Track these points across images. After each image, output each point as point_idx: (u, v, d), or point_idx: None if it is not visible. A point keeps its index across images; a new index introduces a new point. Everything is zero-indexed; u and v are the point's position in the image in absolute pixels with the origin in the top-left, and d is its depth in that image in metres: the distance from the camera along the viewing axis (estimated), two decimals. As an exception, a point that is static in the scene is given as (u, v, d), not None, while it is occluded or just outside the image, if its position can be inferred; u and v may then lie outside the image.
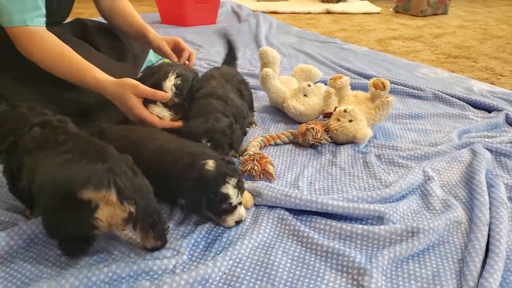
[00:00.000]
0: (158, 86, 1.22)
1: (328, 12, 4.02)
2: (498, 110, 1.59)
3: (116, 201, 0.75)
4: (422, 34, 3.11)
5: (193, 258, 0.89)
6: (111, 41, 1.77)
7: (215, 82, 1.34)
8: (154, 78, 1.25)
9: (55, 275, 0.82)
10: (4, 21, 1.17)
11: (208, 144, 1.12)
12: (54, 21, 1.44)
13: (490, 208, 0.99)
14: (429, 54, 2.56)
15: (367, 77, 1.99)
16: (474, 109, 1.64)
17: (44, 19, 1.23)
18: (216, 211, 0.96)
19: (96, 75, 1.21)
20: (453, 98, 1.71)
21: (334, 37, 2.87)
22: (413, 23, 3.54)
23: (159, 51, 1.57)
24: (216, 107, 1.22)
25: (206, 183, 0.92)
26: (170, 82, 1.23)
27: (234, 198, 0.94)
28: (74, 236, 0.82)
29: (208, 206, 0.95)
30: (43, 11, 1.22)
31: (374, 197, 1.05)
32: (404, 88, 1.82)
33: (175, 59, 1.53)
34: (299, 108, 1.48)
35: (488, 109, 1.63)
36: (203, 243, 0.94)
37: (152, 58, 2.07)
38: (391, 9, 4.18)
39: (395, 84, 1.86)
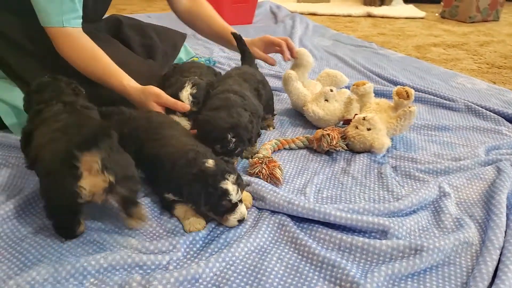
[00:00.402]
0: (176, 97, 1.26)
1: (369, 16, 3.92)
2: (536, 126, 1.49)
3: (99, 169, 0.83)
4: (466, 41, 2.96)
5: (188, 256, 0.90)
6: (142, 38, 1.83)
7: (232, 81, 1.34)
8: (171, 90, 1.29)
9: (54, 261, 0.85)
10: (43, 21, 1.24)
11: (234, 139, 1.13)
12: (90, 20, 1.50)
13: (506, 231, 0.93)
14: (471, 63, 2.43)
15: (397, 84, 1.92)
16: (510, 124, 1.54)
17: (80, 21, 1.29)
18: (216, 210, 0.96)
19: (123, 81, 1.27)
20: (487, 111, 1.61)
21: (371, 42, 2.79)
22: (459, 29, 3.37)
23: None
24: (235, 101, 1.22)
25: (205, 178, 0.94)
26: (186, 92, 1.28)
27: (233, 194, 0.94)
28: (63, 209, 0.88)
29: (207, 202, 0.95)
30: (80, 13, 1.28)
31: (381, 210, 1.01)
32: (435, 98, 1.74)
33: (271, 60, 1.62)
34: (318, 113, 1.45)
35: (525, 124, 1.52)
36: (200, 242, 0.94)
37: (182, 56, 2.10)
38: (437, 14, 4.01)
39: (425, 93, 1.78)
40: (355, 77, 2.07)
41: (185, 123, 1.27)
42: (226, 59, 2.31)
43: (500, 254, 0.86)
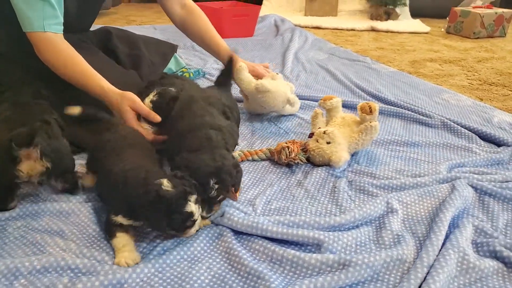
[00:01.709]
0: None
1: (373, 30, 3.91)
2: (508, 145, 1.46)
3: (37, 156, 0.96)
4: (465, 57, 2.92)
5: (122, 262, 0.92)
6: (129, 49, 1.89)
7: (199, 108, 1.24)
8: (141, 98, 1.34)
9: (-9, 261, 0.89)
10: (25, 27, 1.30)
11: (216, 186, 1.01)
12: (76, 30, 1.56)
13: (440, 250, 0.92)
14: (463, 79, 2.40)
15: (380, 99, 1.92)
16: (483, 142, 1.51)
17: (61, 27, 1.35)
18: (179, 230, 0.94)
19: (102, 83, 1.32)
20: (463, 128, 1.59)
21: (366, 56, 2.79)
22: (461, 45, 3.33)
23: None
24: (217, 141, 1.12)
25: (167, 205, 0.89)
26: (148, 99, 1.33)
27: (196, 214, 0.92)
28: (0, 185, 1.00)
29: (170, 226, 0.92)
30: (61, 19, 1.34)
31: (321, 223, 1.01)
32: (412, 113, 1.72)
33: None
34: (266, 85, 1.53)
35: (498, 143, 1.49)
36: (139, 250, 0.96)
37: (172, 66, 2.15)
38: (442, 30, 3.97)
39: (403, 108, 1.77)
40: (339, 90, 2.08)
41: (146, 125, 1.31)
42: (218, 71, 2.34)
43: (428, 273, 0.85)
